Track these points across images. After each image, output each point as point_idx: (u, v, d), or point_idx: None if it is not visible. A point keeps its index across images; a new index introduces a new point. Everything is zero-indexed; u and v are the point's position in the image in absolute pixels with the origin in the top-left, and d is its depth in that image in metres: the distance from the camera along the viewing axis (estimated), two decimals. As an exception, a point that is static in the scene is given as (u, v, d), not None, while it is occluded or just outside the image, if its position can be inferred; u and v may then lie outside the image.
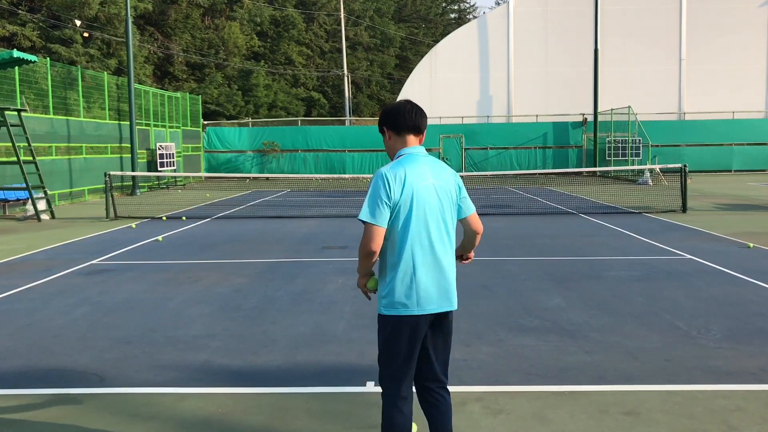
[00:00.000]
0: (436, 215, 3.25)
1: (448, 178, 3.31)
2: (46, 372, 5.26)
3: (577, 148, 35.19)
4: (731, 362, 5.26)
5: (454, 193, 3.32)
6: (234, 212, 17.81)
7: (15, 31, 33.32)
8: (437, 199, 3.25)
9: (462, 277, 8.89)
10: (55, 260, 10.38)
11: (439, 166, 3.32)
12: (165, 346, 5.87)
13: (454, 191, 3.32)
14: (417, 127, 3.32)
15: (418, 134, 3.34)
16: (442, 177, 3.29)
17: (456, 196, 3.34)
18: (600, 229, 13.41)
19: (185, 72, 45.02)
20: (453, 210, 3.33)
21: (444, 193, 3.28)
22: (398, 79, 53.75)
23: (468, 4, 73.51)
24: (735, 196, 20.74)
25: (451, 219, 3.32)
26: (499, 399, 4.58)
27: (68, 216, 17.23)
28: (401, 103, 3.36)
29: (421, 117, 3.33)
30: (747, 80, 36.64)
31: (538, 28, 37.06)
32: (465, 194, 3.39)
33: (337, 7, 50.24)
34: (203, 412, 4.42)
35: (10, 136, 16.09)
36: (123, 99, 25.75)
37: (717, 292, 7.72)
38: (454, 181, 3.34)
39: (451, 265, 3.35)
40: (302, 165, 35.00)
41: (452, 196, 3.31)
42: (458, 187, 3.35)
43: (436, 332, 3.35)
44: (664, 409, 4.39)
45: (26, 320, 6.82)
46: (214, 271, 9.34)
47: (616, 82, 36.14)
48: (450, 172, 3.36)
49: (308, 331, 6.28)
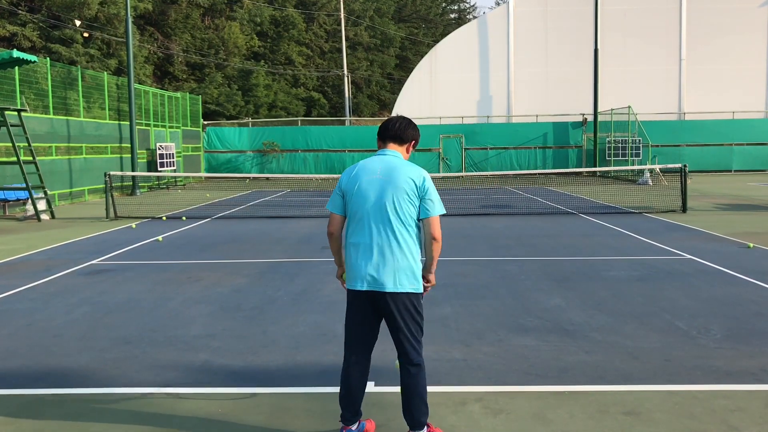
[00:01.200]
0: (376, 205, 3.73)
1: (400, 176, 3.73)
2: (46, 372, 5.26)
3: (577, 148, 35.19)
4: (731, 362, 5.26)
5: (406, 188, 3.71)
6: (234, 212, 17.82)
7: (15, 31, 33.31)
8: (380, 191, 3.73)
9: (462, 277, 8.92)
10: (55, 260, 10.39)
11: (393, 164, 3.78)
12: (165, 346, 5.87)
13: (407, 187, 3.71)
14: (397, 136, 3.90)
15: (399, 143, 3.91)
16: (393, 174, 3.74)
17: (409, 192, 3.72)
18: (600, 229, 13.41)
19: (185, 72, 45.02)
20: (402, 203, 3.71)
21: (392, 186, 3.72)
22: (398, 79, 53.75)
23: (468, 4, 73.59)
24: (735, 196, 20.75)
25: (394, 210, 3.71)
26: (499, 399, 4.58)
27: (68, 216, 17.23)
28: (392, 117, 3.98)
29: (403, 129, 3.90)
30: (747, 80, 36.63)
31: (538, 28, 37.05)
32: (429, 196, 3.75)
33: (337, 7, 50.24)
34: (203, 412, 4.42)
35: (10, 136, 16.09)
36: (123, 99, 25.75)
37: (717, 292, 7.72)
38: (409, 179, 3.73)
39: (391, 250, 3.71)
40: (302, 165, 35.00)
41: (401, 190, 3.71)
42: (414, 185, 3.73)
43: (385, 312, 3.79)
44: (664, 409, 4.39)
45: (26, 320, 6.82)
46: (214, 271, 9.34)
47: (616, 82, 36.14)
48: (407, 171, 3.76)
49: (308, 331, 6.28)
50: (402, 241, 3.73)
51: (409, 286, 3.74)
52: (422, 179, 3.75)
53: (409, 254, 3.74)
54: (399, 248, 3.72)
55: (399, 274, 3.71)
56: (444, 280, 8.54)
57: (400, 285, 3.72)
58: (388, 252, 3.72)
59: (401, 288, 3.72)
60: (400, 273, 3.72)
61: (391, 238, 3.72)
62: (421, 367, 3.82)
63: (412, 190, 3.73)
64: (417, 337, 3.82)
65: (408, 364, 3.81)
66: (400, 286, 3.72)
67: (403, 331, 3.78)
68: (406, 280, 3.73)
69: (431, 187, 3.77)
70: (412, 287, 3.75)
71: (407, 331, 3.78)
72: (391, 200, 3.72)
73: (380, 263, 3.72)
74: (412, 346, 3.80)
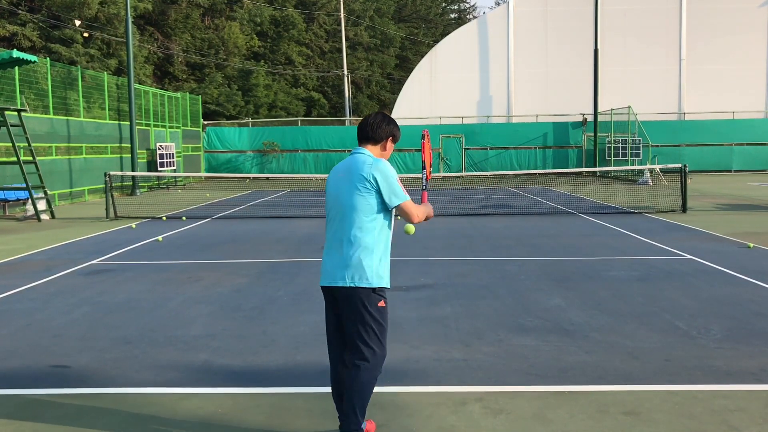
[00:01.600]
0: (338, 202, 3.83)
1: (355, 172, 3.78)
2: (46, 372, 5.26)
3: (577, 148, 35.19)
4: (731, 362, 5.26)
5: (358, 184, 3.74)
6: (234, 212, 17.82)
7: (15, 31, 33.31)
8: (340, 188, 3.82)
9: (462, 277, 8.92)
10: (55, 260, 10.38)
11: (355, 162, 3.82)
12: (165, 346, 5.87)
13: (360, 182, 3.74)
14: (368, 137, 3.93)
15: (373, 142, 3.94)
16: (350, 171, 3.80)
17: (360, 187, 3.74)
18: (600, 229, 13.41)
19: (185, 72, 45.02)
20: (356, 198, 3.75)
21: (348, 183, 3.78)
22: (398, 79, 53.74)
23: (468, 4, 73.58)
24: (735, 196, 20.75)
25: (350, 206, 3.76)
26: (499, 399, 4.58)
27: (68, 216, 17.23)
28: (367, 116, 4.03)
29: (375, 128, 3.92)
30: (747, 80, 36.64)
31: (538, 28, 37.06)
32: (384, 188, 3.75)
33: (337, 7, 50.23)
34: (203, 412, 4.42)
35: (10, 136, 16.09)
36: (123, 99, 25.75)
37: (717, 292, 7.72)
38: (360, 174, 3.75)
39: (345, 245, 3.76)
40: (302, 165, 35.01)
41: (354, 186, 3.75)
42: (364, 179, 3.74)
43: (339, 306, 3.82)
44: (664, 409, 4.39)
45: (26, 320, 6.82)
46: (214, 271, 9.34)
47: (616, 82, 36.15)
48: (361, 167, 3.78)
49: (308, 331, 6.28)
50: (354, 236, 3.73)
51: (359, 280, 3.72)
52: (370, 173, 3.74)
53: (363, 249, 3.73)
54: (351, 244, 3.74)
55: (350, 269, 3.72)
56: (444, 280, 8.54)
57: (350, 280, 3.72)
58: (344, 247, 3.75)
59: (351, 282, 3.72)
60: (352, 268, 3.72)
61: (346, 234, 3.76)
62: (359, 370, 3.74)
63: (363, 185, 3.74)
64: (363, 337, 3.75)
65: (351, 365, 3.76)
66: (350, 281, 3.72)
67: (349, 327, 3.78)
68: (356, 275, 3.71)
69: (382, 177, 3.74)
70: (364, 283, 3.72)
71: (353, 328, 3.76)
72: (346, 197, 3.77)
73: (336, 258, 3.77)
74: (354, 344, 3.77)
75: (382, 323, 3.80)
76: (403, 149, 34.50)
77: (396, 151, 34.43)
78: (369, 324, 3.75)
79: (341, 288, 3.74)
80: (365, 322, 3.75)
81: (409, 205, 3.83)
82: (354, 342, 3.77)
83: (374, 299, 3.76)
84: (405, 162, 34.72)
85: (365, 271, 3.72)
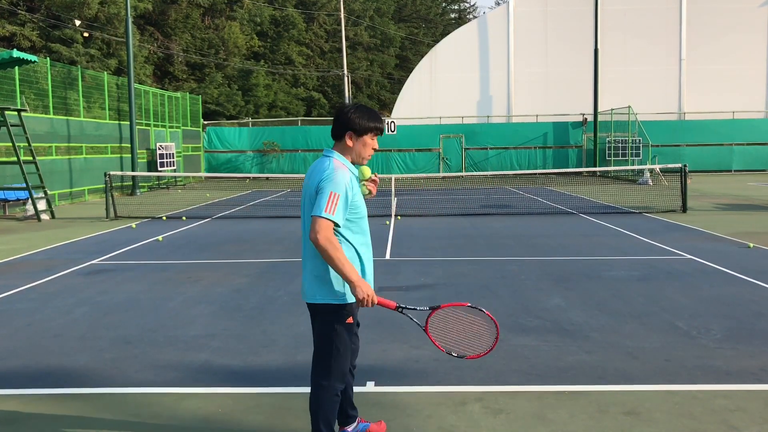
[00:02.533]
0: (302, 212, 3.53)
1: (312, 178, 3.46)
2: (46, 372, 5.26)
3: (577, 148, 35.19)
4: (731, 362, 5.26)
5: (312, 190, 3.43)
6: (234, 212, 17.81)
7: (15, 31, 33.31)
8: (303, 197, 3.53)
9: (462, 277, 8.92)
10: (55, 260, 10.38)
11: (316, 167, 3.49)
12: (165, 346, 5.87)
13: (312, 188, 3.43)
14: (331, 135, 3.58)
15: (337, 139, 3.55)
16: (310, 177, 3.49)
17: (312, 194, 3.43)
18: (600, 229, 13.41)
19: (185, 72, 45.02)
20: (309, 205, 3.45)
21: (307, 191, 3.49)
22: (398, 79, 53.74)
23: (468, 4, 73.61)
24: (735, 196, 20.74)
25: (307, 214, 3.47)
26: (499, 399, 4.58)
27: (68, 216, 17.23)
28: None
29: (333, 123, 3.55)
30: (747, 80, 36.64)
31: (538, 28, 37.06)
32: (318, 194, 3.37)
33: (337, 7, 50.21)
34: (203, 412, 4.42)
35: (10, 136, 16.09)
36: (123, 99, 25.75)
37: (717, 292, 7.72)
38: (312, 180, 3.44)
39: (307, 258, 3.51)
40: (302, 165, 35.01)
41: (308, 193, 3.46)
42: (315, 185, 3.41)
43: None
44: (664, 409, 4.38)
45: (26, 320, 6.82)
46: (214, 271, 9.34)
47: (616, 82, 36.15)
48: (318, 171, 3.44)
49: (308, 331, 6.24)
50: (309, 244, 3.47)
51: (318, 296, 3.47)
52: (319, 178, 3.40)
53: (320, 261, 3.43)
54: (310, 255, 3.48)
55: (310, 282, 3.49)
56: (444, 280, 8.54)
57: (311, 295, 3.50)
58: (306, 259, 3.54)
59: (311, 298, 3.50)
60: (311, 281, 3.49)
61: (307, 244, 3.49)
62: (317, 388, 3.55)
63: (313, 192, 3.42)
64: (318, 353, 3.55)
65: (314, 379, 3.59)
66: (311, 296, 3.49)
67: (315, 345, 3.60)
68: (317, 289, 3.47)
69: (324, 185, 3.34)
70: (321, 298, 3.46)
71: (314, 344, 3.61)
72: (304, 205, 3.51)
73: (304, 272, 3.56)
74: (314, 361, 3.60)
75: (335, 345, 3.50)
76: (403, 149, 34.53)
77: (396, 151, 34.45)
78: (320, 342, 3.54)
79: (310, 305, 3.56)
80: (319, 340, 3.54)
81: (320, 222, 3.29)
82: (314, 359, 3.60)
83: (329, 317, 3.49)
84: (405, 162, 34.72)
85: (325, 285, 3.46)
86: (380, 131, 3.56)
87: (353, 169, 3.55)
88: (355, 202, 3.47)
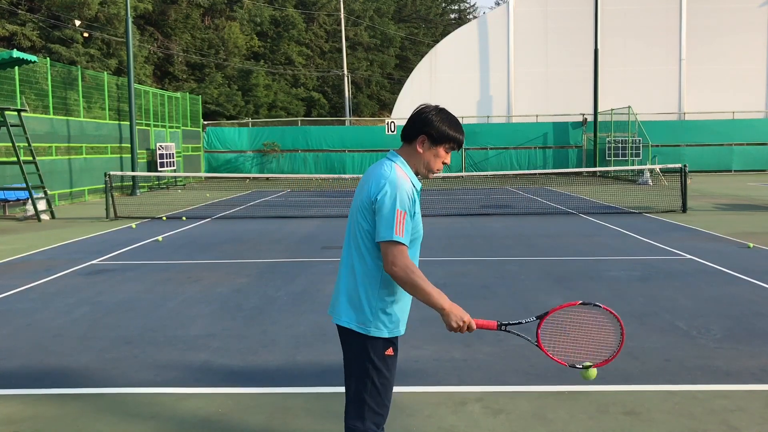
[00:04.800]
0: (351, 217, 3.01)
1: (369, 183, 2.90)
2: (46, 372, 5.26)
3: (577, 148, 35.19)
4: (731, 362, 5.26)
5: (364, 200, 2.89)
6: (234, 212, 17.81)
7: (15, 31, 33.31)
8: (353, 207, 3.01)
9: (462, 277, 8.92)
10: (55, 260, 10.38)
11: (372, 172, 2.96)
12: (165, 346, 5.87)
13: (365, 198, 2.88)
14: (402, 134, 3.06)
15: (407, 141, 3.01)
16: (364, 185, 2.95)
17: (365, 204, 2.88)
18: (600, 229, 13.41)
19: (185, 72, 45.02)
20: (361, 217, 2.90)
21: (358, 201, 2.96)
22: (398, 79, 53.74)
23: (468, 4, 73.60)
24: (735, 196, 20.74)
25: (358, 228, 2.91)
26: (499, 399, 4.58)
27: (68, 216, 17.23)
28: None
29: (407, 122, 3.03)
30: (747, 80, 36.64)
31: (538, 28, 37.07)
32: (379, 212, 2.81)
33: (337, 7, 50.23)
34: (203, 412, 4.42)
35: (10, 136, 16.09)
36: (123, 99, 25.75)
37: (717, 292, 7.72)
38: (368, 188, 2.89)
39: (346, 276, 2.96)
40: (302, 165, 35.01)
41: (362, 202, 2.91)
42: (369, 195, 2.87)
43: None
44: (664, 409, 4.38)
45: (26, 320, 6.82)
46: (214, 271, 9.34)
47: (616, 82, 36.15)
48: (376, 178, 2.89)
49: (308, 331, 6.28)
50: (355, 264, 2.92)
51: (355, 323, 2.89)
52: (378, 189, 2.83)
53: (361, 283, 2.89)
54: (350, 273, 2.93)
55: (348, 304, 2.92)
56: (444, 280, 8.54)
57: (347, 320, 2.91)
58: (343, 276, 2.97)
59: (346, 323, 2.91)
60: (348, 304, 2.92)
61: (347, 260, 2.96)
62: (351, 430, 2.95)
63: (367, 200, 2.87)
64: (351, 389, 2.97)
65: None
66: (347, 321, 2.91)
67: (349, 379, 2.99)
68: (353, 314, 2.90)
69: (386, 201, 2.79)
70: (359, 326, 2.88)
71: (348, 380, 2.99)
72: (352, 215, 2.97)
73: (338, 290, 3.00)
74: (350, 400, 2.98)
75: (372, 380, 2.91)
76: (403, 149, 34.46)
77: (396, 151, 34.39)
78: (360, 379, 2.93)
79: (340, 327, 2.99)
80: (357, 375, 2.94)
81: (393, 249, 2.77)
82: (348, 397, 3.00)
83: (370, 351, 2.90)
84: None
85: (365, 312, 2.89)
86: (458, 145, 3.00)
87: (415, 181, 2.95)
88: (416, 221, 2.94)
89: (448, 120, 2.96)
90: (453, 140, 2.97)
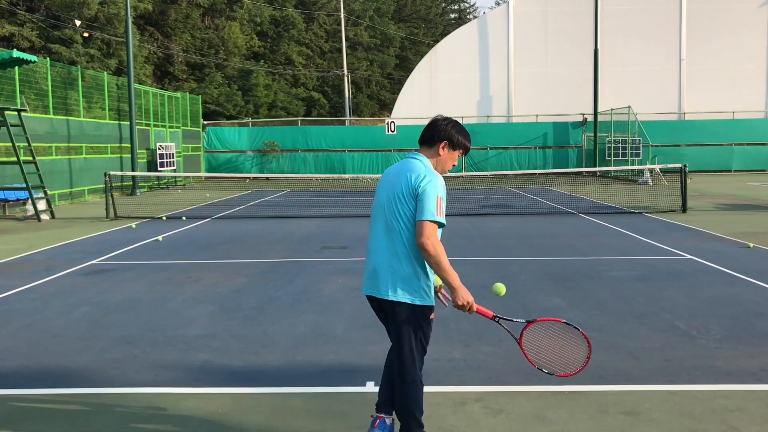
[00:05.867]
0: (382, 208, 3.63)
1: (401, 178, 3.58)
2: (46, 372, 5.26)
3: (577, 148, 35.19)
4: (731, 362, 5.26)
5: (403, 187, 3.53)
6: (234, 212, 17.82)
7: (14, 31, 33.31)
8: (386, 194, 3.62)
9: (462, 277, 8.84)
10: (55, 260, 10.38)
11: (405, 167, 3.62)
12: (165, 346, 5.87)
13: (404, 185, 3.53)
14: (423, 137, 3.76)
15: (427, 145, 3.72)
16: (399, 176, 3.60)
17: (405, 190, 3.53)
18: (600, 229, 13.41)
19: (185, 72, 45.03)
20: (400, 205, 3.53)
21: (394, 189, 3.58)
22: (398, 79, 53.74)
23: (468, 4, 73.58)
24: (735, 196, 20.75)
25: (398, 216, 3.54)
26: (499, 399, 4.58)
27: (68, 216, 17.23)
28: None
29: (432, 126, 3.72)
30: (747, 80, 36.64)
31: (538, 28, 37.07)
32: (422, 197, 3.47)
33: (337, 7, 50.24)
34: (203, 412, 4.42)
35: (10, 136, 16.09)
36: (123, 99, 25.75)
37: (717, 292, 7.72)
38: (407, 180, 3.54)
39: (384, 254, 3.58)
40: (302, 165, 35.01)
41: (401, 192, 3.54)
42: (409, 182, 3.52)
43: (387, 320, 3.68)
44: (664, 409, 4.39)
45: (26, 320, 6.82)
46: (214, 271, 9.34)
47: (616, 82, 36.15)
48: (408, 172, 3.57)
49: (308, 331, 6.28)
50: (398, 248, 3.55)
51: (407, 296, 3.55)
52: (418, 177, 3.52)
53: (408, 264, 3.54)
54: (394, 257, 3.56)
55: (394, 282, 3.56)
56: (444, 280, 8.53)
57: (396, 294, 3.55)
58: (380, 255, 3.60)
59: (396, 298, 3.55)
60: (395, 281, 3.56)
61: (384, 240, 3.60)
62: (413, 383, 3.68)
63: (407, 189, 3.52)
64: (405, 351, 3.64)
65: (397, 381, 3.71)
66: (396, 295, 3.55)
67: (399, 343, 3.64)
68: (403, 289, 3.54)
69: (428, 188, 3.47)
70: (410, 298, 3.55)
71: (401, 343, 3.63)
72: (390, 201, 3.58)
73: (377, 268, 3.60)
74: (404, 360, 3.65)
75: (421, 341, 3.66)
76: (403, 149, 34.49)
77: (396, 151, 34.45)
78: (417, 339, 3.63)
79: (387, 301, 3.58)
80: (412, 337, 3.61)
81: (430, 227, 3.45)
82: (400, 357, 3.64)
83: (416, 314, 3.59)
84: (405, 162, 34.69)
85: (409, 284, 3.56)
86: (467, 151, 3.79)
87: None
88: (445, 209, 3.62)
89: (462, 131, 3.74)
90: (465, 147, 3.75)
